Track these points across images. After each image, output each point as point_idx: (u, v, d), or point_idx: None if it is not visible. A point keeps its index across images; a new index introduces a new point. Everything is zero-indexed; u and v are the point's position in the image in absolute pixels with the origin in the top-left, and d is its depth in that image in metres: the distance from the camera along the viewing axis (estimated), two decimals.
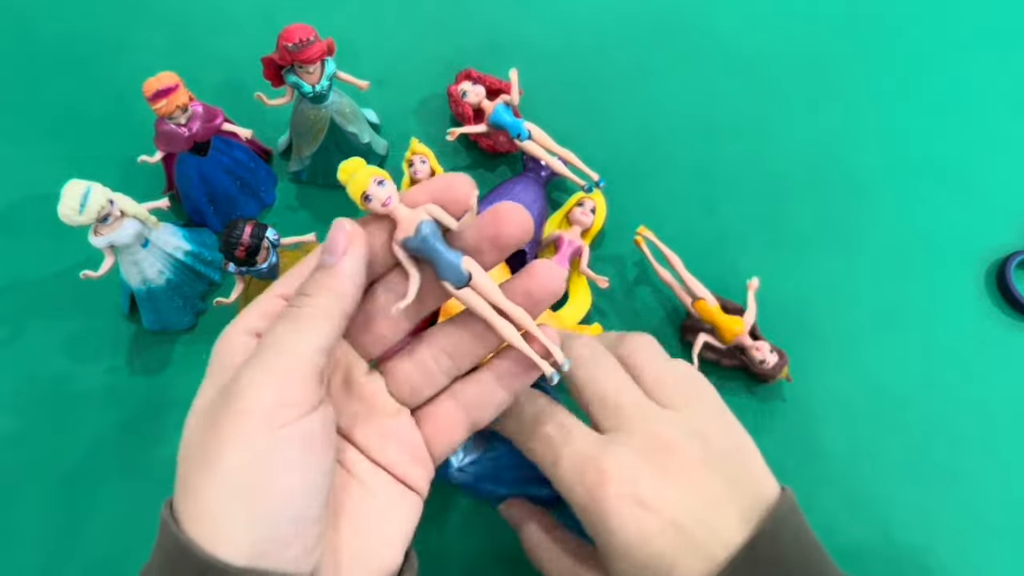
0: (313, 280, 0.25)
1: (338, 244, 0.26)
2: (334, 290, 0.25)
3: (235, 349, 0.26)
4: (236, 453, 0.22)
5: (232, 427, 0.23)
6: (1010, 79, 0.58)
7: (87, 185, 0.39)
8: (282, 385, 0.23)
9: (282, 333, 0.24)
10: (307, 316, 0.25)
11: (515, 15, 0.60)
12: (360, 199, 0.26)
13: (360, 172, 0.26)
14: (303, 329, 0.24)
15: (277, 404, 0.23)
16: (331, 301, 0.25)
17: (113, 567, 0.42)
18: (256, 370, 0.23)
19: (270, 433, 0.23)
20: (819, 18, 0.60)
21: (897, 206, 0.52)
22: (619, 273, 0.50)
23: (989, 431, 0.45)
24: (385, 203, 0.26)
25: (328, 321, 0.25)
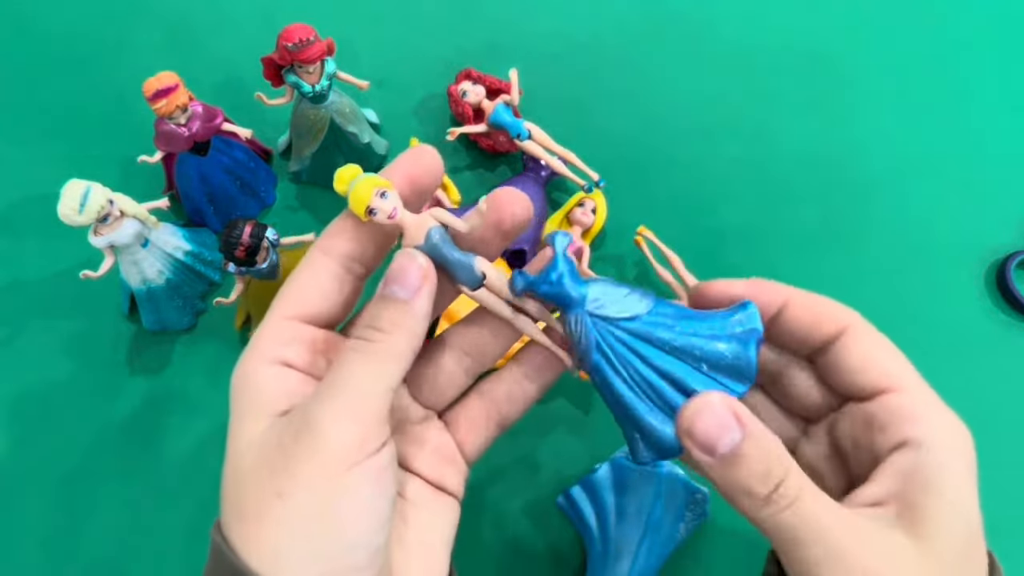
0: (386, 315, 0.24)
1: (411, 279, 0.25)
2: (408, 329, 0.24)
3: (263, 381, 0.25)
4: (311, 489, 0.22)
5: (309, 463, 0.22)
6: (1010, 79, 0.58)
7: (87, 185, 0.39)
8: (359, 425, 0.23)
9: (358, 370, 0.24)
10: (382, 353, 0.24)
11: (515, 15, 0.60)
12: (364, 213, 0.25)
13: (361, 185, 0.25)
14: (379, 368, 0.24)
15: (354, 444, 0.22)
16: (405, 340, 0.24)
17: (113, 567, 0.42)
18: (335, 408, 0.23)
19: (347, 471, 0.22)
20: (819, 18, 0.60)
21: (897, 206, 0.52)
22: (619, 273, 0.50)
23: (989, 431, 0.45)
24: (391, 216, 0.25)
25: (401, 361, 0.24)
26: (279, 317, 0.26)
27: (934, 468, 0.23)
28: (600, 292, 0.25)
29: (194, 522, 0.43)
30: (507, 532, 0.43)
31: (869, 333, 0.26)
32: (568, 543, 0.42)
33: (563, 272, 0.25)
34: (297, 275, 0.26)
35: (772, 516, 0.22)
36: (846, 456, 0.27)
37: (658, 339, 0.25)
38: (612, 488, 0.41)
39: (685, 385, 0.24)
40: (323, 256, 0.26)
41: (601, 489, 0.41)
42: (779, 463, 0.23)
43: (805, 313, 0.26)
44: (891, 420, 0.24)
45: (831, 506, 0.23)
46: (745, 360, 0.24)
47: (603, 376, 0.25)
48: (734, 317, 0.25)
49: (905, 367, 0.26)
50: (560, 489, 0.43)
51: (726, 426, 0.22)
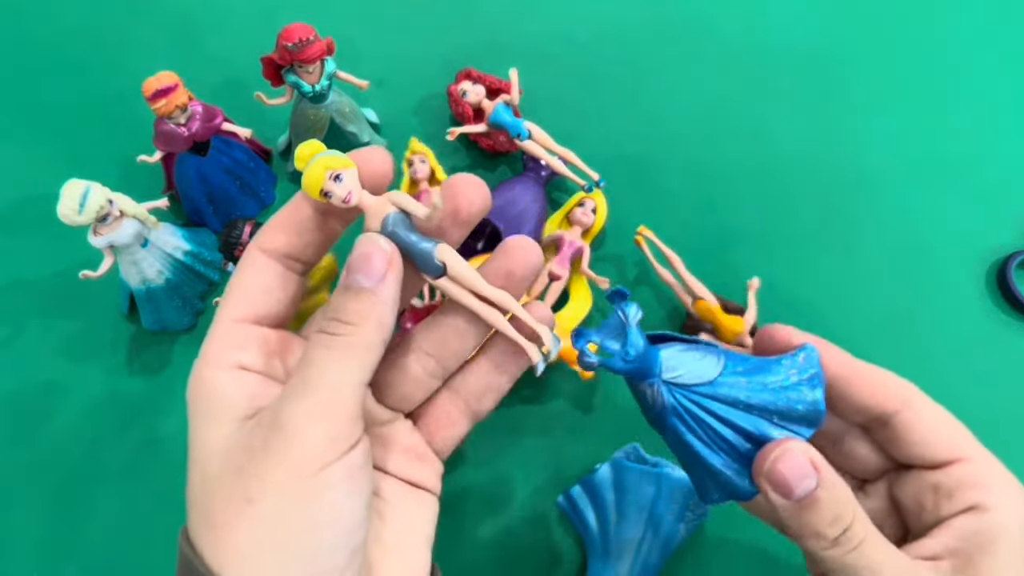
0: (352, 306, 0.24)
1: (375, 266, 0.24)
2: (376, 319, 0.24)
3: (221, 386, 0.24)
4: (282, 493, 0.22)
5: (278, 466, 0.22)
6: (1011, 79, 0.57)
7: (86, 185, 0.39)
8: (330, 423, 0.22)
9: (324, 366, 0.23)
10: (351, 347, 0.23)
11: (515, 15, 0.60)
12: (318, 195, 0.24)
13: (315, 166, 0.24)
14: (347, 362, 0.23)
15: (326, 443, 0.22)
16: (373, 331, 0.23)
17: (113, 567, 0.42)
18: (302, 407, 0.22)
19: (319, 471, 0.22)
20: (819, 18, 0.60)
21: (898, 206, 0.52)
22: (619, 273, 0.50)
23: (990, 431, 0.45)
24: (346, 200, 0.24)
25: (370, 352, 0.24)
26: (228, 320, 0.25)
27: (995, 530, 0.25)
28: (674, 359, 0.26)
29: None
30: (507, 532, 0.43)
31: (928, 407, 0.28)
32: (568, 543, 0.42)
33: (638, 346, 0.25)
34: (239, 275, 0.26)
35: (838, 558, 0.24)
36: (906, 513, 0.28)
37: (733, 399, 0.25)
38: (612, 488, 0.41)
39: (758, 437, 0.25)
40: (262, 255, 0.26)
41: (601, 489, 0.41)
42: (848, 509, 0.24)
43: (867, 388, 0.27)
44: (958, 488, 0.26)
45: (892, 552, 0.25)
46: (813, 408, 0.25)
47: (678, 435, 0.26)
48: (798, 360, 0.26)
49: (967, 437, 0.27)
50: (560, 489, 0.43)
51: (804, 472, 0.24)
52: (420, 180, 0.48)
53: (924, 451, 0.27)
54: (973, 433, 0.45)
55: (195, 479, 0.23)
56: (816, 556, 0.24)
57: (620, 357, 0.25)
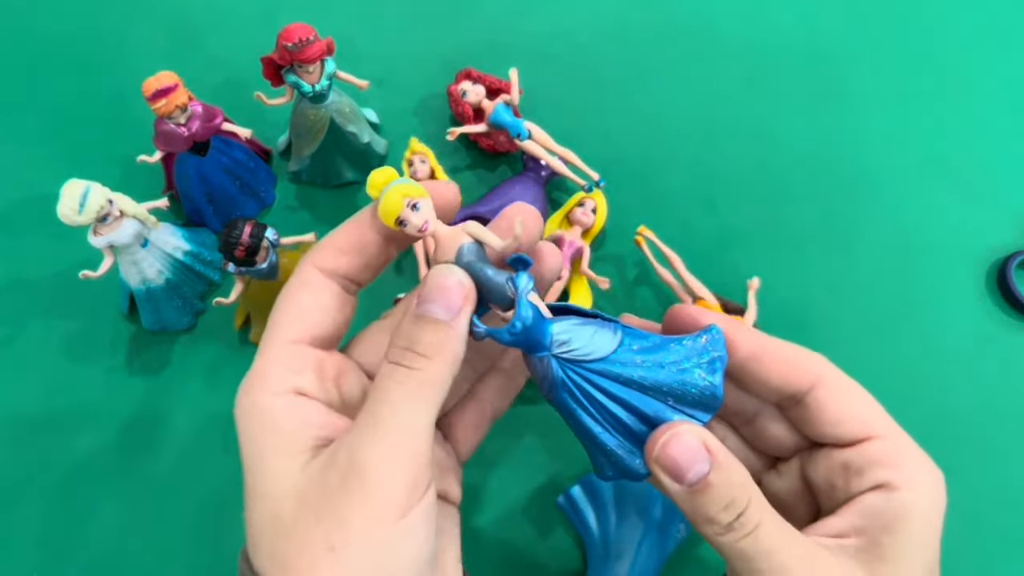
0: (427, 338, 0.23)
1: (453, 299, 0.23)
2: (450, 353, 0.23)
3: (281, 415, 0.23)
4: (366, 541, 0.21)
5: (361, 512, 0.21)
6: (1011, 79, 0.57)
7: (86, 185, 0.39)
8: (411, 470, 0.22)
9: (402, 405, 0.22)
10: (426, 384, 0.23)
11: (515, 15, 0.60)
12: (393, 224, 0.24)
13: (392, 194, 0.23)
14: (423, 400, 0.22)
15: (408, 490, 0.22)
16: (448, 366, 0.23)
17: (113, 567, 0.42)
18: (379, 450, 0.22)
19: (399, 520, 0.21)
20: (820, 18, 0.60)
21: (898, 206, 0.52)
22: (620, 273, 0.50)
23: (991, 431, 0.45)
24: (423, 229, 0.24)
25: (442, 388, 0.23)
26: (285, 341, 0.24)
27: (902, 509, 0.24)
28: (566, 333, 0.24)
29: (194, 522, 0.43)
30: (507, 532, 0.43)
31: (841, 384, 0.27)
32: (568, 543, 0.42)
33: (526, 318, 0.24)
34: (296, 294, 0.25)
35: (732, 543, 0.23)
36: (817, 493, 0.27)
37: (626, 378, 0.24)
38: (612, 488, 0.41)
39: (652, 419, 0.24)
40: (320, 274, 0.25)
41: (601, 489, 0.41)
42: (743, 493, 0.23)
43: (777, 367, 0.26)
44: (867, 466, 0.25)
45: (789, 535, 0.23)
46: (710, 392, 0.24)
47: (569, 411, 0.25)
48: (700, 341, 0.25)
49: (880, 414, 0.27)
50: (560, 489, 0.43)
51: (695, 456, 0.23)
52: (420, 180, 0.48)
53: (836, 430, 0.26)
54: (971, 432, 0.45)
55: (263, 518, 0.23)
56: (710, 542, 0.24)
57: (506, 330, 0.24)
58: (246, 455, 0.23)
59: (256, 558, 0.23)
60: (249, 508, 0.23)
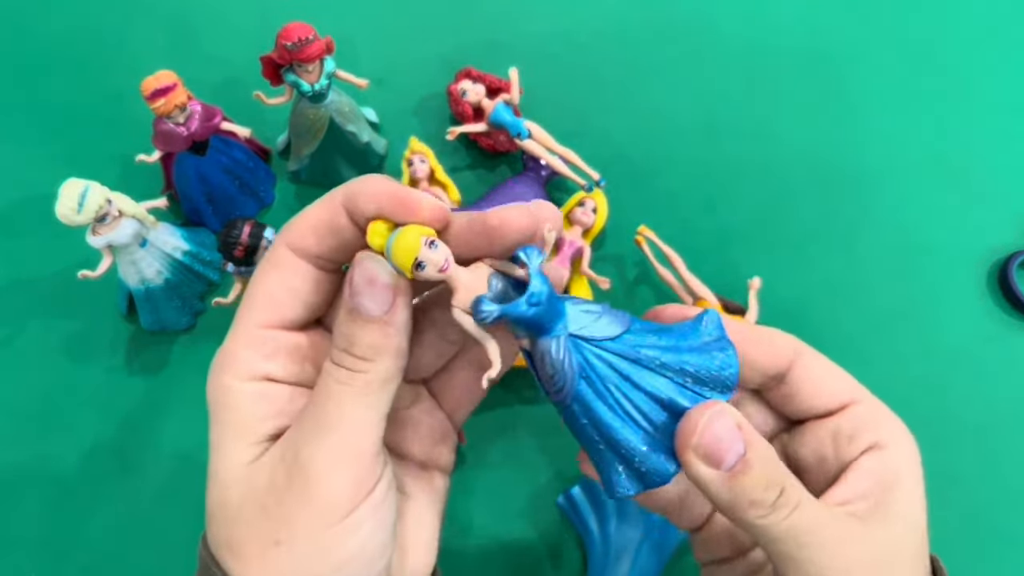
0: (365, 340, 0.22)
1: (381, 292, 0.22)
2: (392, 351, 0.22)
3: (245, 401, 0.23)
4: (311, 538, 0.21)
5: (305, 511, 0.21)
6: (1011, 79, 0.57)
7: (85, 184, 0.39)
8: (355, 468, 0.22)
9: (343, 403, 0.22)
10: (369, 384, 0.22)
11: (515, 14, 0.60)
12: (410, 269, 0.21)
13: (408, 234, 0.21)
14: (368, 399, 0.22)
15: (352, 489, 0.22)
16: (390, 364, 0.22)
17: (112, 567, 0.42)
18: (322, 450, 0.22)
19: (343, 519, 0.21)
20: (820, 18, 0.60)
21: (899, 206, 0.52)
22: (620, 273, 0.50)
23: (991, 432, 0.45)
24: (443, 268, 0.22)
25: (390, 385, 0.23)
26: (252, 325, 0.24)
27: (895, 466, 0.25)
28: (577, 312, 0.23)
29: (193, 522, 0.43)
30: (507, 532, 0.43)
31: (816, 358, 0.27)
32: (568, 543, 0.42)
33: (542, 292, 0.22)
34: (263, 275, 0.24)
35: (777, 524, 0.22)
36: (805, 470, 0.27)
37: (645, 357, 0.23)
38: None
39: (674, 405, 0.23)
40: (291, 255, 0.24)
41: (601, 490, 0.41)
42: (779, 469, 0.23)
43: (762, 349, 0.27)
44: (859, 429, 0.26)
45: (826, 509, 0.24)
46: (728, 369, 0.23)
47: (585, 404, 0.23)
48: (702, 326, 0.24)
49: (853, 381, 0.27)
50: (560, 489, 0.43)
51: (732, 437, 0.22)
52: (420, 180, 0.48)
53: (819, 401, 0.27)
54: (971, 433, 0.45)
55: (216, 502, 0.23)
56: (754, 529, 0.23)
57: (524, 300, 0.21)
58: (211, 436, 0.23)
59: (210, 535, 0.23)
60: (208, 490, 0.23)
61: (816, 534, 0.23)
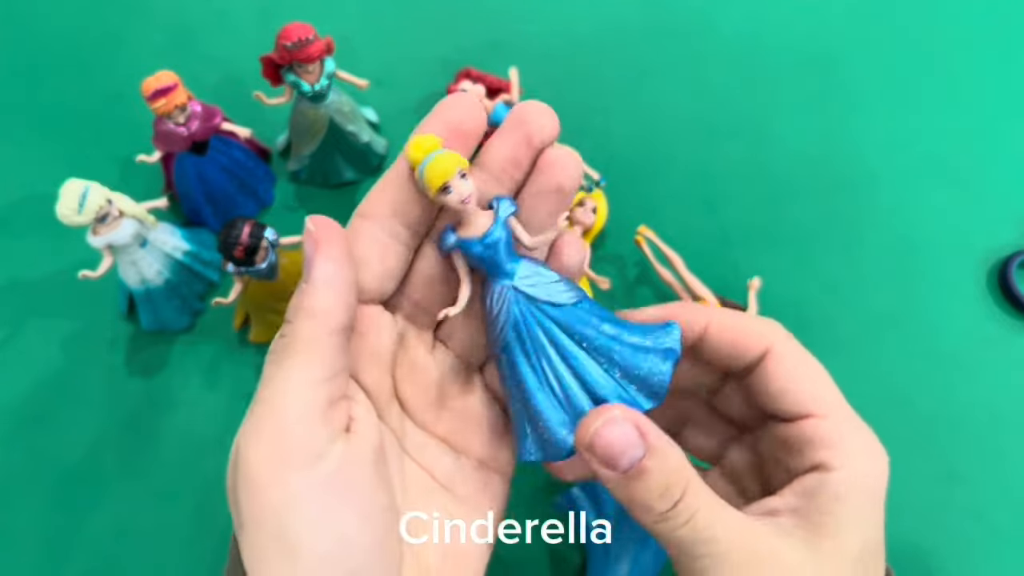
0: (292, 303, 0.22)
1: (306, 252, 0.22)
2: (310, 309, 0.22)
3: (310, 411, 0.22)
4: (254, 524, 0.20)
5: (243, 495, 0.21)
6: (1011, 79, 0.57)
7: (85, 185, 0.39)
8: (273, 438, 0.20)
9: (269, 375, 0.22)
10: (289, 348, 0.21)
11: (515, 15, 0.60)
12: (436, 188, 0.23)
13: (446, 158, 0.23)
14: (287, 365, 0.21)
15: (274, 461, 0.20)
16: (311, 324, 0.22)
17: (112, 567, 0.42)
18: (246, 427, 0.21)
19: (282, 496, 0.20)
20: (820, 18, 0.60)
21: (899, 206, 0.52)
22: (620, 273, 0.50)
23: (991, 432, 0.45)
24: (465, 201, 0.23)
25: (314, 347, 0.21)
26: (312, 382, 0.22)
27: (837, 489, 0.23)
28: (531, 271, 0.24)
29: (193, 522, 0.43)
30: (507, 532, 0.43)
31: (791, 354, 0.26)
32: (568, 544, 0.42)
33: (500, 239, 0.23)
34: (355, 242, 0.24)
35: (670, 532, 0.22)
36: (767, 467, 0.27)
37: (578, 333, 0.23)
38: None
39: (594, 390, 0.23)
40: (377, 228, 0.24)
41: (601, 490, 0.41)
42: (679, 479, 0.22)
43: (726, 334, 0.26)
44: (806, 445, 0.24)
45: (729, 520, 0.23)
46: (659, 377, 0.23)
47: (511, 357, 0.24)
48: (656, 333, 0.25)
49: (826, 390, 0.25)
50: (560, 489, 0.43)
51: (630, 442, 0.22)
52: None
53: (779, 402, 0.25)
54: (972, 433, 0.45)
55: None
56: (649, 530, 0.23)
57: (480, 240, 0.23)
58: None
59: None
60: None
61: (716, 545, 0.22)
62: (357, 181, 0.52)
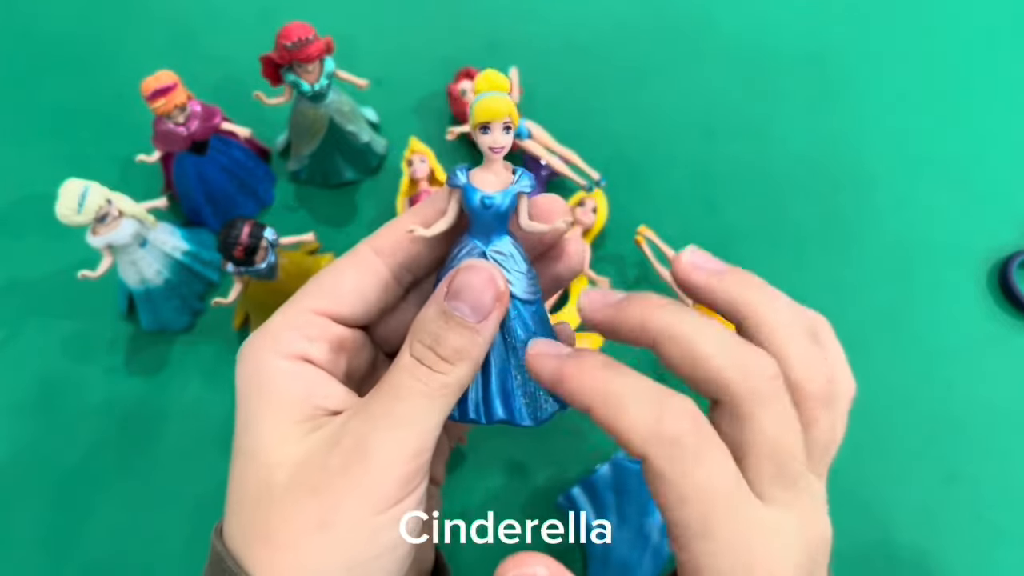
0: (454, 341, 0.22)
1: (486, 300, 0.22)
2: (475, 359, 0.22)
3: (283, 380, 0.23)
4: (355, 524, 0.21)
5: (357, 497, 0.21)
6: (1011, 79, 0.57)
7: (85, 185, 0.39)
8: (413, 465, 0.22)
9: (416, 403, 0.22)
10: (446, 386, 0.22)
11: (515, 15, 0.60)
12: (478, 123, 0.23)
13: (499, 101, 0.23)
14: (440, 402, 0.22)
15: (404, 482, 0.22)
16: (470, 370, 0.22)
17: (112, 567, 0.42)
18: (390, 442, 0.22)
19: (389, 508, 0.21)
20: (820, 18, 0.60)
21: (899, 206, 0.52)
22: (620, 273, 0.50)
23: (991, 432, 0.45)
24: (495, 149, 0.24)
25: (463, 389, 0.23)
26: (306, 309, 0.24)
27: None
28: (509, 250, 0.24)
29: (193, 522, 0.43)
30: (507, 532, 0.43)
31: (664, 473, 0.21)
32: (568, 544, 0.42)
33: (500, 205, 0.24)
34: (341, 269, 0.24)
35: None
36: None
37: (510, 330, 0.24)
38: (612, 488, 0.41)
39: (496, 378, 0.24)
40: (374, 257, 0.24)
41: (601, 489, 0.41)
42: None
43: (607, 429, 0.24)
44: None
45: None
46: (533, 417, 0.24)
47: None
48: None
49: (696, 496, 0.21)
50: (560, 489, 0.43)
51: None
52: (420, 180, 0.48)
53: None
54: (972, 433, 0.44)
55: (251, 482, 0.22)
56: None
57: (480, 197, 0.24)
58: (243, 414, 0.23)
59: (234, 524, 0.22)
60: (238, 471, 0.23)
61: None
62: (357, 181, 0.52)
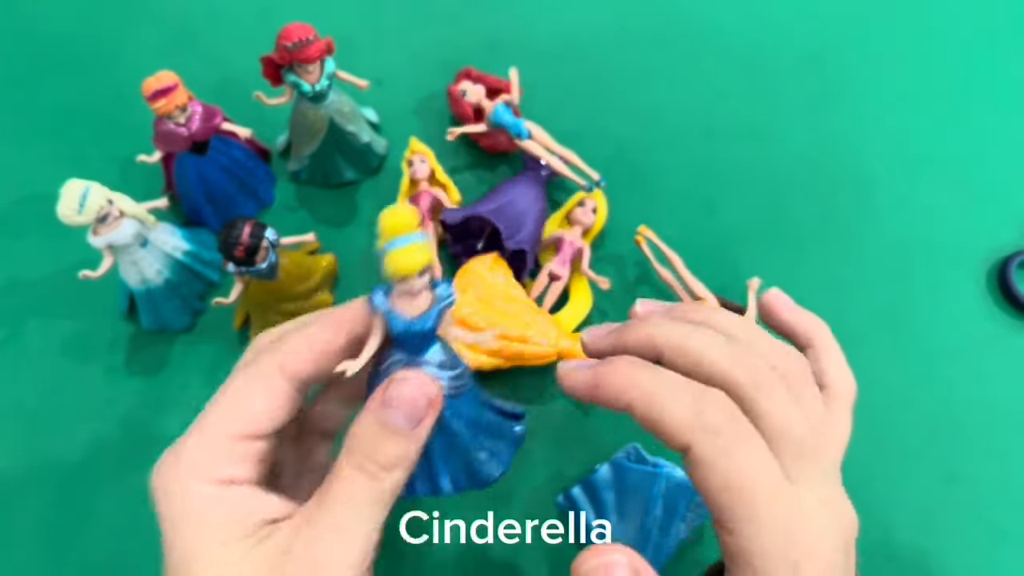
0: (391, 450, 0.24)
1: (417, 408, 0.24)
2: (412, 462, 0.24)
3: (208, 505, 0.23)
4: None
5: None
6: (1011, 78, 0.57)
7: (86, 185, 0.39)
8: (361, 568, 0.23)
9: (363, 508, 0.23)
10: (385, 492, 0.24)
11: (515, 15, 0.60)
12: (392, 277, 0.24)
13: (413, 253, 0.23)
14: (382, 503, 0.24)
15: None
16: (407, 472, 0.24)
17: (112, 567, 0.42)
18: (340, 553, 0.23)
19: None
20: (820, 18, 0.60)
21: (899, 206, 0.52)
22: (620, 273, 0.50)
23: (991, 432, 0.45)
24: (413, 293, 0.24)
25: (399, 490, 0.24)
26: (222, 435, 0.25)
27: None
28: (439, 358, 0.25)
29: None
30: (507, 532, 0.43)
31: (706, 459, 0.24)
32: (568, 544, 0.42)
33: (426, 329, 0.24)
34: (250, 390, 0.26)
35: None
36: None
37: (445, 425, 0.26)
38: (612, 488, 0.41)
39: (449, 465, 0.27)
40: (279, 376, 0.25)
41: (601, 489, 0.41)
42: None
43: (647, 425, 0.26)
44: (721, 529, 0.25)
45: None
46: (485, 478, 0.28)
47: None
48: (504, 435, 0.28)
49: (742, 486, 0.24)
50: (560, 489, 0.43)
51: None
52: (420, 180, 0.48)
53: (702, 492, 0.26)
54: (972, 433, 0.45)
55: None
56: None
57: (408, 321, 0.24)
58: (174, 543, 0.23)
59: None
60: None
61: None
62: (357, 181, 0.52)
